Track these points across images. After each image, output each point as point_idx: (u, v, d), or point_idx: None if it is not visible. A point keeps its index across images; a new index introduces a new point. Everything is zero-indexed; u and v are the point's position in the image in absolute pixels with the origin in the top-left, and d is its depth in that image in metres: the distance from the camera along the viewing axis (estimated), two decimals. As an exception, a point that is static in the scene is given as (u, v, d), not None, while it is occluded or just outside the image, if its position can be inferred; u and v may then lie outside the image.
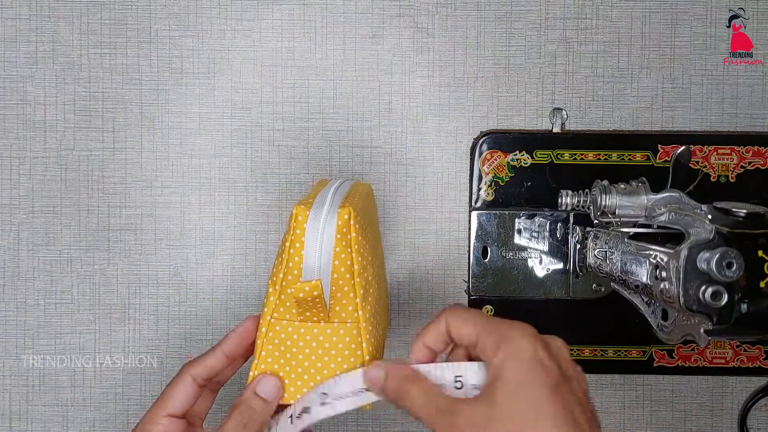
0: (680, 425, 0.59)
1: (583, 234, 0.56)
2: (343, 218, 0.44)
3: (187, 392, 0.45)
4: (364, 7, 0.58)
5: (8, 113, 0.58)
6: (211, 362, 0.46)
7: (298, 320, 0.45)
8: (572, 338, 0.58)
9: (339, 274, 0.44)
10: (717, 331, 0.43)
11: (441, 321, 0.42)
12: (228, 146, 0.59)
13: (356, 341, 0.45)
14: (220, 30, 0.58)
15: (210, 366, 0.46)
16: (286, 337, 0.45)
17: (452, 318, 0.42)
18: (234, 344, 0.46)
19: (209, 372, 0.46)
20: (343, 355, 0.45)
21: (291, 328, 0.45)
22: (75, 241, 0.59)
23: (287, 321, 0.45)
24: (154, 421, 0.45)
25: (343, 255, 0.44)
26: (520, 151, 0.58)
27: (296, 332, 0.45)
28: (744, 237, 0.43)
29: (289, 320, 0.45)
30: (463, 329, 0.41)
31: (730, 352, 0.58)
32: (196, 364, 0.46)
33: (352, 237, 0.44)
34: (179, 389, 0.45)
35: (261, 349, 0.46)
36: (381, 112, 0.59)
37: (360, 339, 0.45)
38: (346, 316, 0.45)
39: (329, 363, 0.45)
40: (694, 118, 0.59)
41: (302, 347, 0.45)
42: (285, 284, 0.45)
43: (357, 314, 0.45)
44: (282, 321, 0.45)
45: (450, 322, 0.42)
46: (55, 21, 0.58)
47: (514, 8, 0.58)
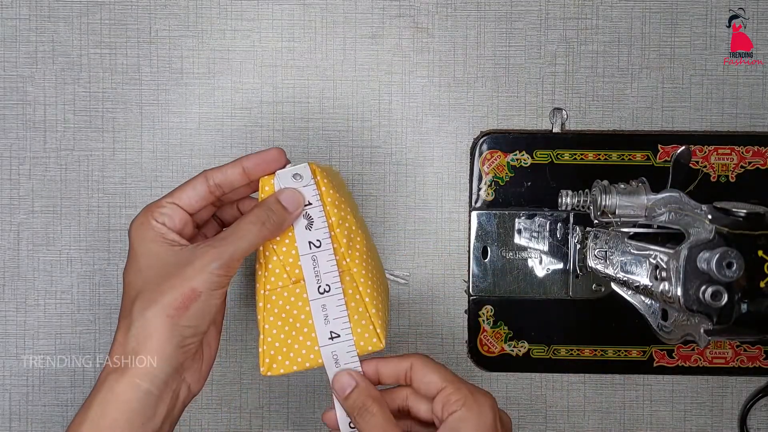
0: (680, 425, 0.59)
1: (583, 234, 0.56)
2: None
3: (198, 189, 0.45)
4: (364, 7, 0.58)
5: (8, 113, 0.58)
6: (229, 170, 0.46)
7: (291, 283, 0.46)
8: (572, 338, 0.59)
9: None
10: (717, 331, 0.43)
11: (406, 360, 0.44)
12: (228, 146, 0.59)
13: (352, 286, 0.46)
14: (220, 30, 0.58)
15: (226, 173, 0.46)
16: (284, 303, 0.46)
17: (421, 363, 0.44)
18: (254, 162, 0.46)
19: (223, 178, 0.46)
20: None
21: (286, 293, 0.46)
22: (75, 241, 0.59)
23: (281, 288, 0.46)
24: (160, 204, 0.45)
25: None
26: (520, 151, 0.58)
27: (292, 294, 0.46)
28: (744, 237, 0.43)
29: (282, 287, 0.46)
30: (431, 377, 0.43)
31: (730, 352, 0.58)
32: (213, 169, 0.46)
33: (322, 191, 0.46)
34: (190, 184, 0.46)
35: (263, 322, 0.46)
36: (381, 112, 0.59)
37: (355, 284, 0.46)
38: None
39: None
40: (694, 118, 0.59)
41: (302, 307, 0.46)
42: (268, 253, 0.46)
43: (345, 261, 0.46)
44: (276, 290, 0.46)
45: (417, 365, 0.44)
46: (55, 21, 0.58)
47: (514, 8, 0.58)
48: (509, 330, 0.58)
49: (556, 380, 0.59)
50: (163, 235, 0.44)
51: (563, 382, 0.59)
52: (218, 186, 0.46)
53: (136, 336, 0.41)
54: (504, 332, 0.58)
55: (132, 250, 0.44)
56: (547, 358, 0.58)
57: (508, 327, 0.58)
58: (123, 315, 0.43)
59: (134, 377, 0.41)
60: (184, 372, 0.44)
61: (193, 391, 0.45)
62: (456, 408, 0.41)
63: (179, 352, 0.42)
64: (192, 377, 0.45)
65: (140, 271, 0.43)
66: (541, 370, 0.58)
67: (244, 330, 0.59)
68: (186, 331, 0.42)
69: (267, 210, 0.44)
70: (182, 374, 0.44)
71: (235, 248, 0.43)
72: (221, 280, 0.42)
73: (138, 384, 0.41)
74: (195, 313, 0.42)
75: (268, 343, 0.46)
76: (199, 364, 0.46)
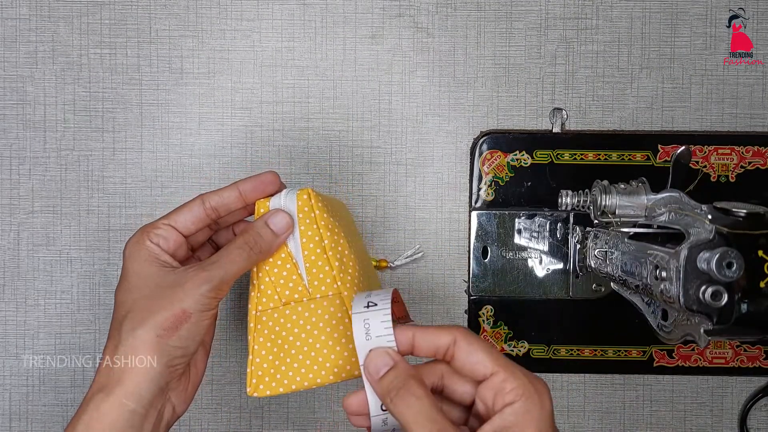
0: (680, 425, 0.59)
1: (583, 234, 0.56)
2: (303, 198, 0.46)
3: (194, 212, 0.46)
4: (364, 7, 0.58)
5: (8, 113, 0.58)
6: (225, 193, 0.46)
7: (281, 305, 0.46)
8: (572, 338, 0.59)
9: (309, 251, 0.46)
10: (717, 331, 0.43)
11: (447, 334, 0.38)
12: (228, 146, 0.59)
13: (341, 310, 0.46)
14: (220, 30, 0.58)
15: (223, 196, 0.46)
16: (274, 324, 0.46)
17: (466, 339, 0.38)
18: (250, 186, 0.47)
19: (220, 201, 0.46)
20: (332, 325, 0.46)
21: (277, 314, 0.46)
22: (75, 241, 0.59)
23: (272, 309, 0.46)
24: (156, 225, 0.45)
25: (310, 232, 0.46)
26: (520, 151, 0.58)
27: (282, 316, 0.46)
28: (744, 237, 0.43)
29: (273, 308, 0.46)
30: (478, 356, 0.37)
31: (730, 352, 0.58)
32: (210, 192, 0.47)
33: (316, 214, 0.46)
34: (187, 207, 0.46)
35: (253, 343, 0.46)
36: (381, 112, 0.59)
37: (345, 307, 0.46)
38: (326, 289, 0.46)
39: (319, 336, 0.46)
40: (694, 118, 0.59)
41: (290, 329, 0.46)
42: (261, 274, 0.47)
43: (336, 285, 0.46)
44: (267, 311, 0.46)
45: (461, 341, 0.38)
46: (55, 21, 0.58)
47: (514, 8, 0.58)
48: (509, 330, 0.58)
49: (556, 380, 0.59)
50: (156, 256, 0.44)
51: (563, 382, 0.59)
52: (214, 209, 0.46)
53: (125, 354, 0.42)
54: (504, 332, 0.58)
55: (125, 269, 0.45)
56: (547, 358, 0.58)
57: (508, 327, 0.58)
58: (112, 334, 0.44)
59: (120, 397, 0.41)
60: (170, 392, 0.44)
61: (177, 413, 0.46)
62: (514, 399, 0.36)
63: (167, 372, 0.42)
64: (177, 398, 0.45)
65: (131, 290, 0.44)
66: (541, 370, 0.58)
67: (244, 330, 0.59)
68: (175, 351, 0.42)
69: (255, 234, 0.45)
70: (168, 394, 0.44)
71: (225, 272, 0.43)
72: (211, 302, 0.43)
73: (124, 404, 0.41)
74: (185, 333, 0.42)
75: (257, 363, 0.46)
76: (185, 385, 0.46)
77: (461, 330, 0.38)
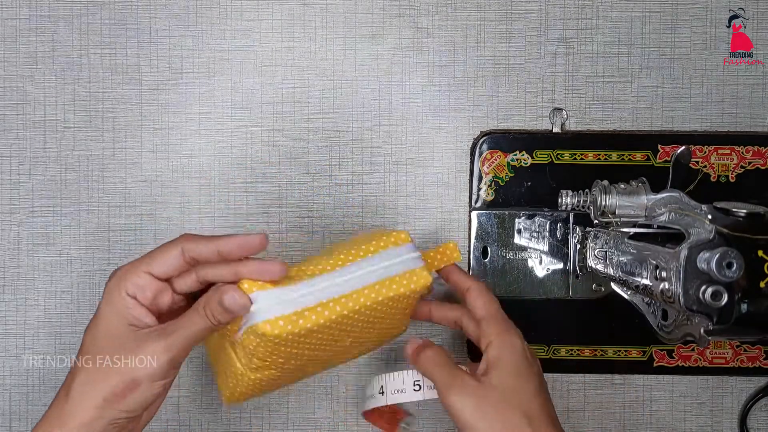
0: (680, 425, 0.59)
1: (583, 234, 0.56)
2: (266, 329, 0.43)
3: (172, 256, 0.44)
4: (364, 7, 0.58)
5: (8, 113, 0.58)
6: (203, 245, 0.44)
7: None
8: (572, 338, 0.59)
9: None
10: (717, 331, 0.43)
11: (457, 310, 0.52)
12: (228, 146, 0.59)
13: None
14: (220, 30, 0.58)
15: (200, 246, 0.44)
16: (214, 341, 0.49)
17: (477, 290, 0.51)
18: (232, 246, 0.44)
19: (197, 252, 0.44)
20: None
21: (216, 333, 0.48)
22: (75, 241, 0.59)
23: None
24: (136, 273, 0.44)
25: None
26: (520, 151, 0.58)
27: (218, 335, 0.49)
28: (744, 237, 0.43)
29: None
30: (477, 302, 0.50)
31: (730, 352, 0.58)
32: (191, 236, 0.45)
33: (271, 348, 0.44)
34: (164, 249, 0.45)
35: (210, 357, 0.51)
36: (381, 112, 0.59)
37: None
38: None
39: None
40: (694, 118, 0.59)
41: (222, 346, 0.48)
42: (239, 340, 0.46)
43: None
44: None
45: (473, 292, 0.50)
46: (55, 21, 0.58)
47: (514, 8, 0.58)
48: (509, 330, 0.58)
49: (556, 380, 0.59)
50: (129, 311, 0.44)
51: (563, 382, 0.59)
52: (193, 259, 0.45)
53: (71, 410, 0.43)
54: (504, 332, 0.58)
55: (99, 309, 0.45)
56: (547, 358, 0.58)
57: (508, 327, 0.58)
58: (68, 380, 0.44)
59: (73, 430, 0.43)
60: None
61: None
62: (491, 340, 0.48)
63: (108, 428, 0.43)
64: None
65: (97, 337, 0.44)
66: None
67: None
68: (119, 414, 0.43)
69: (211, 309, 0.43)
70: None
71: (183, 341, 0.43)
72: (164, 373, 0.43)
73: None
74: (131, 401, 0.43)
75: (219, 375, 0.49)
76: (135, 425, 0.46)
77: (477, 283, 0.51)
